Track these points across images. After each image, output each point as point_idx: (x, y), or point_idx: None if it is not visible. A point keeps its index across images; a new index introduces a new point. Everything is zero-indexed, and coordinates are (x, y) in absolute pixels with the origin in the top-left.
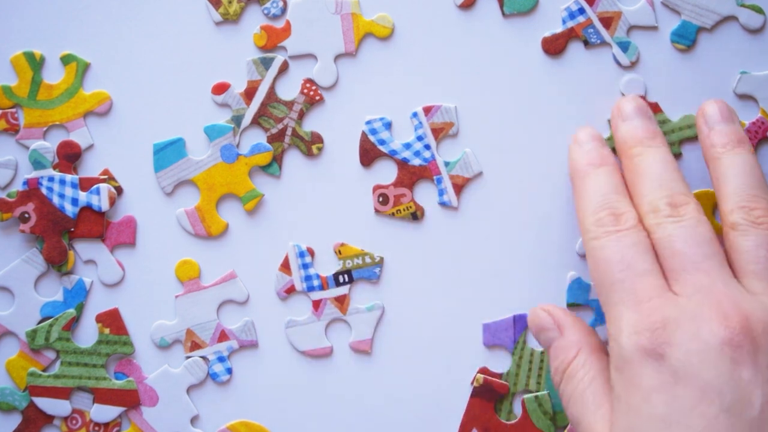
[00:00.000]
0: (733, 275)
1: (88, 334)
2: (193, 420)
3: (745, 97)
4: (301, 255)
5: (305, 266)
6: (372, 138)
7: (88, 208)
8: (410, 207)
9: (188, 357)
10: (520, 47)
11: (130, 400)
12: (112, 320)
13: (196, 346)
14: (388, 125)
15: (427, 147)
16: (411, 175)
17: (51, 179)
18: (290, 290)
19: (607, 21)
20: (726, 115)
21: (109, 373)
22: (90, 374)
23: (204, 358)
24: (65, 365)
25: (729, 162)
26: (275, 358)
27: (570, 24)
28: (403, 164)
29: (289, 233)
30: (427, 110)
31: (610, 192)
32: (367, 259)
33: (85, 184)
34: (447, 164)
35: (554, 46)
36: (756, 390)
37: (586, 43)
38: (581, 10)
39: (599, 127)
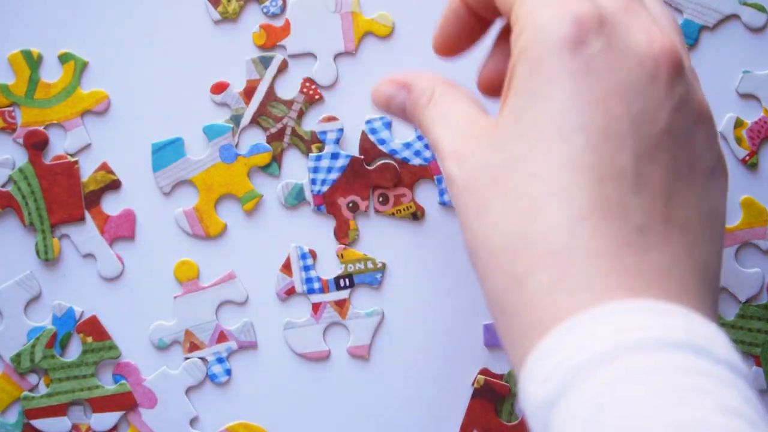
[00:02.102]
0: None
1: (72, 348)
2: (192, 421)
3: (747, 97)
4: (303, 257)
5: (306, 268)
6: (372, 137)
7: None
8: (410, 207)
9: (187, 358)
10: None
11: (127, 402)
12: (92, 328)
13: (194, 347)
14: (388, 124)
15: (428, 146)
16: (411, 174)
17: None
18: (290, 292)
19: None
20: None
21: (101, 380)
22: (82, 386)
23: (203, 359)
24: (56, 382)
25: None
26: (274, 359)
27: None
28: (403, 164)
29: (287, 234)
30: None
31: None
32: (369, 265)
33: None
34: None
35: None
36: (663, 112)
37: None
38: None
39: None
